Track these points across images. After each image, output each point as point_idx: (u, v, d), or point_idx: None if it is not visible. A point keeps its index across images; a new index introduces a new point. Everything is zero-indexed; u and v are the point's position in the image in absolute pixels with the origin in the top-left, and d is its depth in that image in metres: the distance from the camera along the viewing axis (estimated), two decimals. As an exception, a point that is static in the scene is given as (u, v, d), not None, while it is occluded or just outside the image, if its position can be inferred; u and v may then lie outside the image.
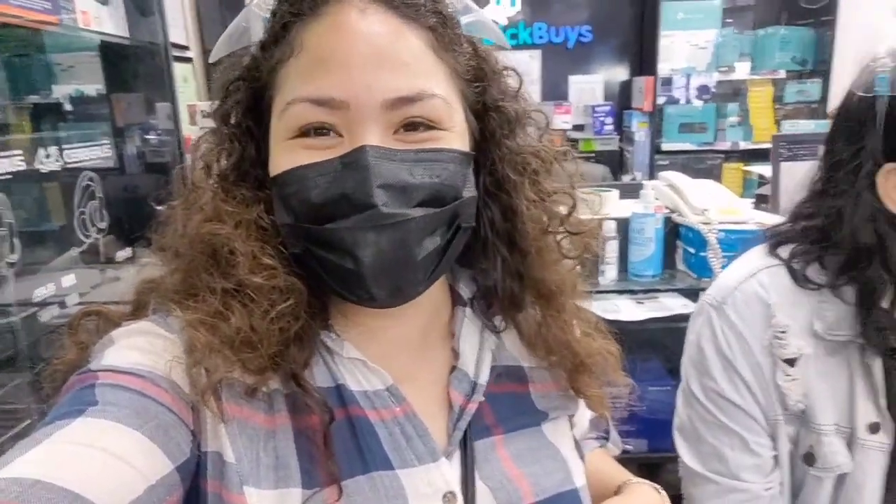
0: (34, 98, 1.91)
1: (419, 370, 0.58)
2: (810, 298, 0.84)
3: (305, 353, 0.52)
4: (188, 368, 0.47)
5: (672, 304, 1.62)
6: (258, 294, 0.49)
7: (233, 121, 0.54)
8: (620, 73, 3.97)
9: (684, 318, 1.57)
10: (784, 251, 0.88)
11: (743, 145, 3.57)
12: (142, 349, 0.49)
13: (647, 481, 0.68)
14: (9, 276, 1.22)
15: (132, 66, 2.13)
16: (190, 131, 2.15)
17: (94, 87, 2.09)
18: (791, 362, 0.83)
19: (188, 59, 2.91)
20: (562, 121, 3.59)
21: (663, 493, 0.68)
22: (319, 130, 0.49)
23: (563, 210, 0.60)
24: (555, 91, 3.86)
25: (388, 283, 0.49)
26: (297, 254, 0.51)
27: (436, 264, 0.51)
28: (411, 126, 0.49)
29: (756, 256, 0.92)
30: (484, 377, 0.59)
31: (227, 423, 0.49)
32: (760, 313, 0.85)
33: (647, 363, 1.78)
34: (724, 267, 1.51)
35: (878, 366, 0.81)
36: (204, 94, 2.92)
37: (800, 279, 0.85)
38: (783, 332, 0.83)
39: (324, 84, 0.48)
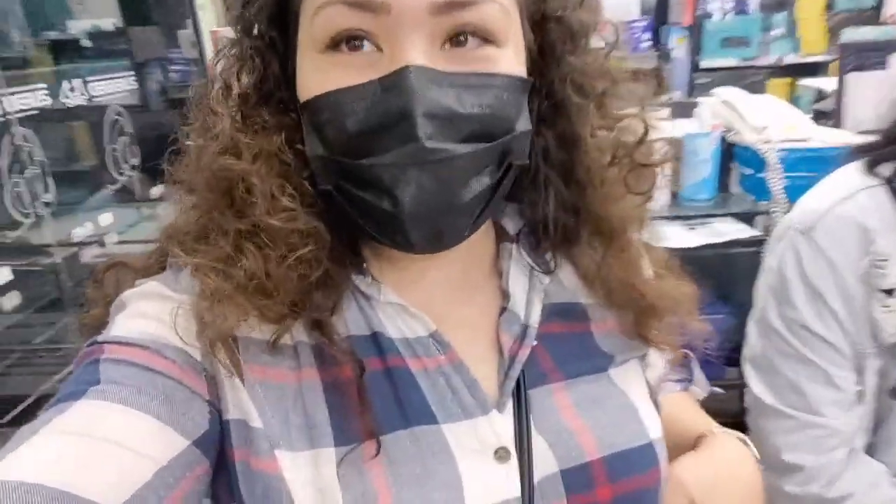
0: (52, 34, 1.85)
1: (465, 314, 0.53)
2: None
3: (332, 299, 0.48)
4: (193, 323, 0.44)
5: (727, 230, 1.54)
6: (275, 237, 0.44)
7: (255, 32, 0.47)
8: (657, -16, 3.72)
9: (740, 243, 1.52)
10: (886, 169, 0.80)
11: (789, 59, 3.37)
12: (149, 316, 0.45)
13: (731, 431, 0.62)
14: (45, 216, 1.19)
15: (148, -4, 2.02)
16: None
17: (110, 20, 2.00)
18: (890, 292, 0.77)
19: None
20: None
21: (750, 444, 0.61)
22: (354, 42, 0.42)
23: (631, 138, 0.52)
24: (587, 7, 3.63)
25: (428, 228, 0.43)
26: (327, 190, 0.45)
27: (483, 207, 0.45)
28: (461, 39, 0.43)
29: (851, 176, 0.84)
30: (535, 318, 0.53)
31: (249, 387, 0.45)
32: (857, 239, 0.78)
33: (700, 290, 1.72)
34: (786, 189, 1.43)
35: None
36: (224, 19, 2.80)
37: None
38: (884, 260, 0.77)
39: None
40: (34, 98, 1.18)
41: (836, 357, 0.81)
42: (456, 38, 0.43)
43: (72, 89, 1.31)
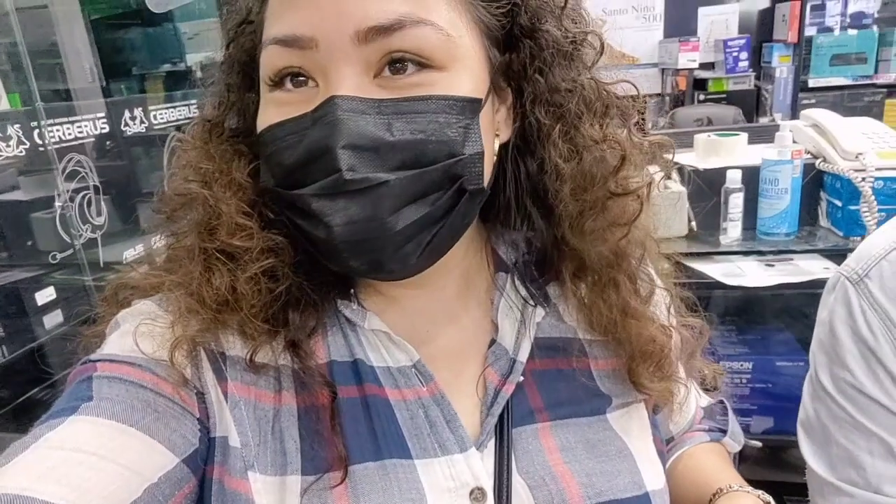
0: (166, 66, 1.98)
1: (452, 345, 0.52)
2: None
3: (311, 322, 0.49)
4: (171, 331, 0.45)
5: (811, 268, 1.36)
6: (238, 255, 0.46)
7: (235, 69, 0.50)
8: (759, 0, 3.49)
9: (825, 283, 1.34)
10: None
11: (913, 78, 3.03)
12: (141, 334, 0.46)
13: (753, 490, 0.55)
14: (97, 238, 1.24)
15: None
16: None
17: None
18: None
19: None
20: (687, 59, 3.23)
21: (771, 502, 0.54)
22: (295, 78, 0.43)
23: (611, 163, 0.48)
24: (681, 26, 3.47)
25: (366, 256, 0.43)
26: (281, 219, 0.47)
27: (433, 234, 0.44)
28: (397, 66, 0.41)
29: None
30: (524, 353, 0.51)
31: (233, 404, 0.46)
32: None
33: (778, 334, 1.54)
34: (880, 224, 1.25)
35: None
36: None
37: None
38: None
39: (289, 20, 0.42)
40: (93, 126, 1.24)
41: None
42: (392, 66, 0.42)
43: (132, 118, 1.38)
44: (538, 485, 0.47)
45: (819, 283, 1.31)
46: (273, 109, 0.44)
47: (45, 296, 1.10)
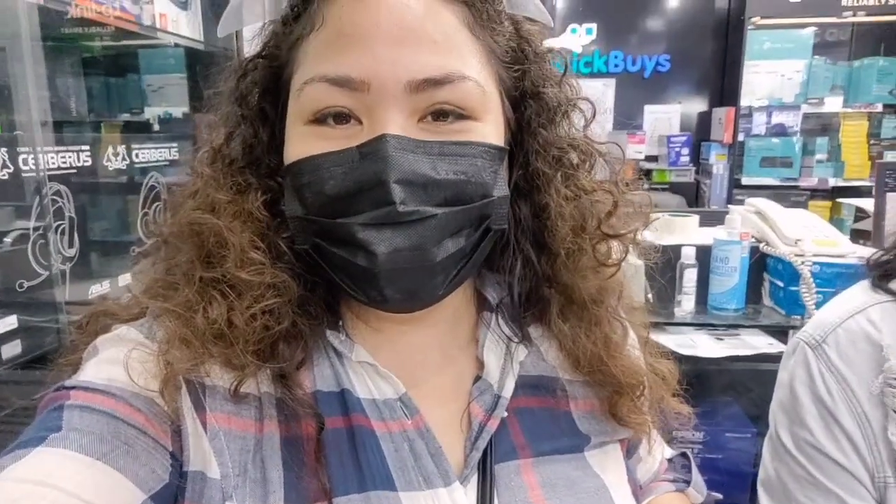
0: (125, 116, 1.99)
1: (438, 380, 0.53)
2: None
3: (300, 353, 0.48)
4: (158, 363, 0.44)
5: (756, 343, 1.46)
6: (242, 289, 0.45)
7: (249, 101, 0.51)
8: (699, 104, 3.82)
9: (769, 358, 1.44)
10: None
11: (832, 182, 3.35)
12: (119, 362, 0.45)
13: None
14: (66, 271, 1.21)
15: (211, 79, 2.17)
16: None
17: (181, 109, 2.14)
18: None
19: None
20: (635, 150, 3.47)
21: None
22: (338, 117, 0.45)
23: (602, 209, 0.53)
24: (629, 120, 3.75)
25: (403, 284, 0.44)
26: (304, 249, 0.47)
27: (459, 268, 0.46)
28: (440, 114, 0.45)
29: (862, 291, 0.80)
30: (508, 390, 0.52)
31: (212, 435, 0.45)
32: (869, 356, 0.73)
33: (726, 407, 1.62)
34: (818, 305, 1.37)
35: None
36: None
37: None
38: None
39: (343, 62, 0.43)
40: (76, 158, 1.24)
41: (855, 485, 0.73)
42: (435, 114, 0.45)
43: (115, 154, 1.37)
44: None
45: (763, 358, 1.41)
46: (311, 142, 0.45)
47: (6, 324, 1.05)
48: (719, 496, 0.73)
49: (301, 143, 0.46)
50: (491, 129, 0.47)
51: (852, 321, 0.76)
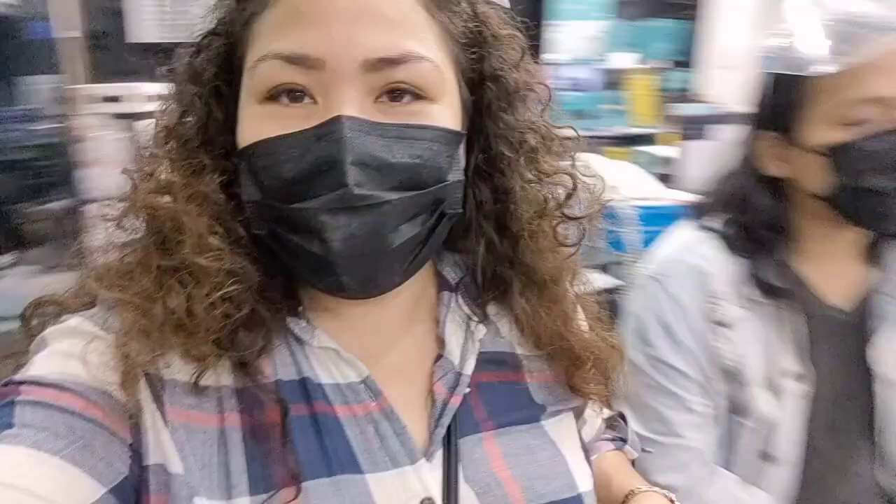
0: None
1: (400, 361, 0.53)
2: (742, 264, 0.90)
3: (261, 342, 0.47)
4: (117, 356, 0.43)
5: (595, 280, 1.65)
6: (201, 276, 0.44)
7: (203, 79, 0.49)
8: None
9: (607, 290, 1.64)
10: (714, 222, 0.94)
11: (626, 131, 3.76)
12: (73, 355, 0.43)
13: (658, 490, 0.63)
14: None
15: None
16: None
17: None
18: (726, 325, 0.89)
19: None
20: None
21: (676, 502, 0.62)
22: (292, 94, 0.44)
23: (561, 193, 0.55)
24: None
25: (359, 272, 0.44)
26: (261, 234, 0.46)
27: (416, 253, 0.47)
28: (396, 94, 0.45)
29: (689, 229, 0.97)
30: (469, 367, 0.54)
31: (173, 430, 0.44)
32: (698, 282, 0.90)
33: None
34: (644, 243, 1.59)
35: (801, 322, 0.89)
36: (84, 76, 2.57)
37: (733, 247, 0.91)
38: (719, 298, 0.89)
39: (298, 39, 0.43)
40: None
41: (689, 384, 0.90)
42: (391, 93, 0.44)
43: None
44: (484, 491, 0.50)
45: (601, 291, 1.60)
46: (266, 122, 0.44)
47: None
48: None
49: (255, 123, 0.45)
50: (447, 112, 0.47)
51: (687, 256, 0.93)
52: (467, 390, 0.53)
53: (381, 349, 0.53)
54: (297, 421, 0.47)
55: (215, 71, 0.49)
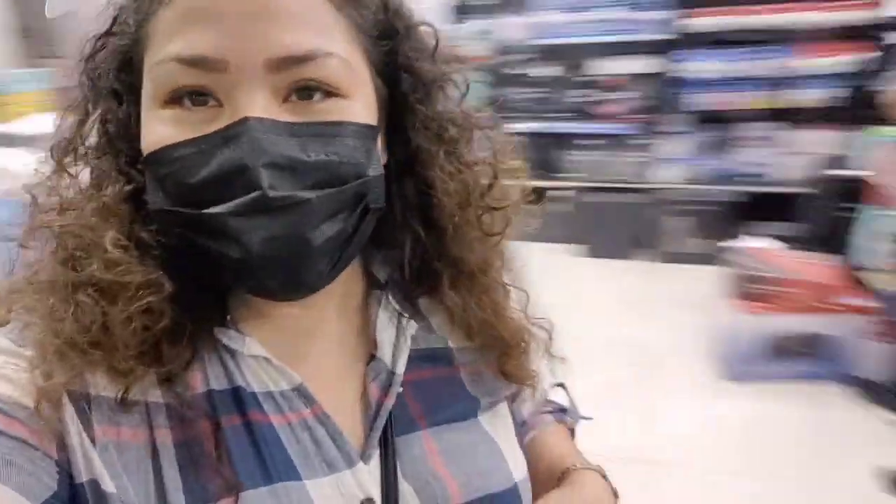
0: None
1: (333, 363, 0.53)
2: None
3: (185, 353, 0.46)
4: (35, 375, 0.42)
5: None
6: (112, 291, 0.43)
7: (99, 85, 0.47)
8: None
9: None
10: None
11: None
12: None
13: (593, 466, 0.63)
14: None
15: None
16: None
17: None
18: None
19: None
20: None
21: (608, 478, 0.62)
22: (195, 96, 0.42)
23: (484, 182, 0.54)
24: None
25: (282, 273, 0.43)
26: (172, 242, 0.45)
27: (341, 251, 0.46)
28: (305, 92, 0.43)
29: None
30: (401, 366, 0.54)
31: (101, 448, 0.43)
32: None
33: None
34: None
35: None
36: None
37: None
38: None
39: (196, 40, 0.41)
40: None
41: None
42: (300, 91, 0.43)
43: None
44: (423, 487, 0.50)
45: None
46: (167, 128, 0.43)
47: None
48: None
49: (158, 128, 0.43)
50: (361, 107, 0.46)
51: None
52: (400, 389, 0.53)
53: (312, 351, 0.52)
54: (231, 431, 0.46)
55: (113, 74, 0.47)
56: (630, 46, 3.65)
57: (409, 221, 0.54)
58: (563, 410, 0.73)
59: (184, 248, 0.44)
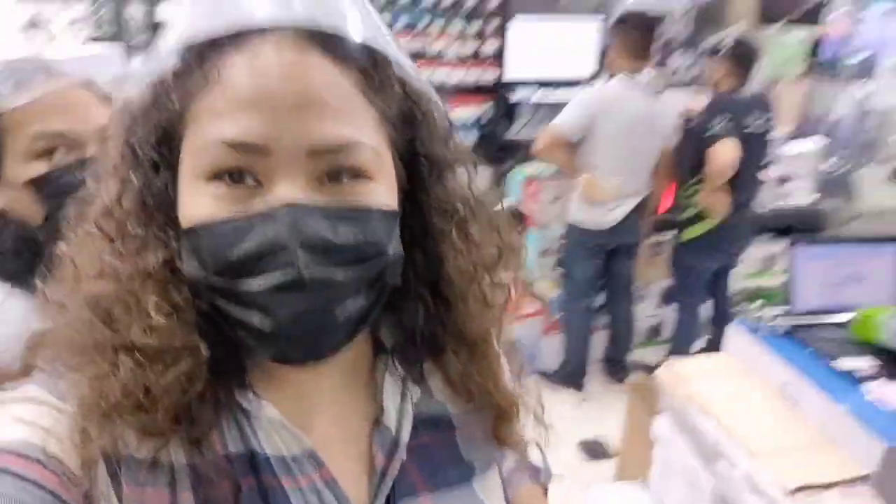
0: None
1: (341, 427, 0.55)
2: None
3: (210, 415, 0.48)
4: (75, 435, 0.44)
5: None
6: (153, 354, 0.45)
7: (139, 153, 0.48)
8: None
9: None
10: None
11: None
12: (25, 421, 0.45)
13: None
14: None
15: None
16: None
17: None
18: None
19: None
20: None
21: None
22: (235, 175, 0.45)
23: (489, 259, 0.58)
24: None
25: (304, 344, 0.47)
26: (204, 309, 0.47)
27: (359, 323, 0.49)
28: (336, 175, 0.46)
29: None
30: (406, 432, 0.56)
31: None
32: None
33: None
34: None
35: None
36: None
37: None
38: None
39: (243, 125, 0.44)
40: None
41: None
42: (331, 174, 0.46)
43: None
44: None
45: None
46: (208, 202, 0.45)
47: None
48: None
49: (199, 202, 0.45)
50: (384, 189, 0.49)
51: None
52: (405, 456, 0.55)
53: (324, 417, 0.55)
54: (246, 494, 0.48)
55: (152, 146, 0.48)
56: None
57: (419, 292, 0.56)
58: (537, 470, 0.77)
59: (212, 314, 0.47)
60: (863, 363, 1.56)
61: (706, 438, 1.55)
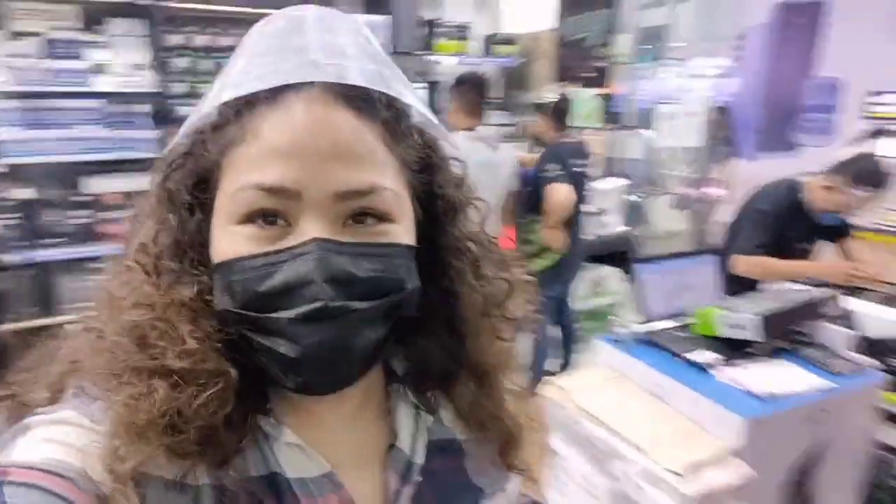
0: None
1: (357, 452, 0.58)
2: None
3: (235, 439, 0.50)
4: (108, 454, 0.45)
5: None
6: (186, 378, 0.47)
7: (176, 198, 0.52)
8: None
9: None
10: None
11: None
12: (59, 442, 0.46)
13: None
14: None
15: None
16: None
17: None
18: None
19: None
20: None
21: None
22: (267, 217, 0.48)
23: (500, 295, 0.61)
24: None
25: (324, 373, 0.49)
26: (233, 338, 0.50)
27: (376, 352, 0.52)
28: (360, 217, 0.50)
29: None
30: (420, 456, 0.59)
31: None
32: None
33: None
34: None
35: None
36: None
37: None
38: None
39: (276, 172, 0.47)
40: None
41: None
42: (356, 216, 0.50)
43: None
44: None
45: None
46: (241, 241, 0.48)
47: None
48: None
49: (231, 240, 0.49)
50: (404, 230, 0.53)
51: None
52: (419, 479, 0.57)
53: (340, 442, 0.57)
54: None
55: (188, 190, 0.52)
56: (122, 165, 3.46)
57: (433, 325, 0.59)
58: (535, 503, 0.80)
59: (240, 343, 0.50)
60: (708, 356, 1.83)
61: (598, 444, 1.70)
